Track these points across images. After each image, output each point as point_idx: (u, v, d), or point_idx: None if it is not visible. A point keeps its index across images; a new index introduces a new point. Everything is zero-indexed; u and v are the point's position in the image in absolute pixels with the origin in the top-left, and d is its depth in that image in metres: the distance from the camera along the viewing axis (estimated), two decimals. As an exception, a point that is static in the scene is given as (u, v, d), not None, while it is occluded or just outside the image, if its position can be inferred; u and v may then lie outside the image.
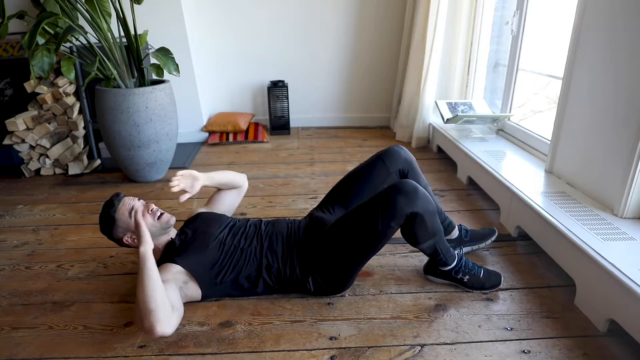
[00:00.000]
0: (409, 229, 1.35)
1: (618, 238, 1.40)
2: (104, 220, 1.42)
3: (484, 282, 1.47)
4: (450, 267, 1.47)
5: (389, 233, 1.33)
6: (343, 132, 3.52)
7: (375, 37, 3.44)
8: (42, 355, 1.26)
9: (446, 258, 1.44)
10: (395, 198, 1.30)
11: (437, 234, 1.38)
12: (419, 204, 1.30)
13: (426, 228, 1.34)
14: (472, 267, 1.48)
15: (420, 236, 1.36)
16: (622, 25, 1.50)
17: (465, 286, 1.49)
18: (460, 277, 1.47)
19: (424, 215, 1.32)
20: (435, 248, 1.41)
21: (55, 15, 2.06)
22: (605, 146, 1.59)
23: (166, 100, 2.41)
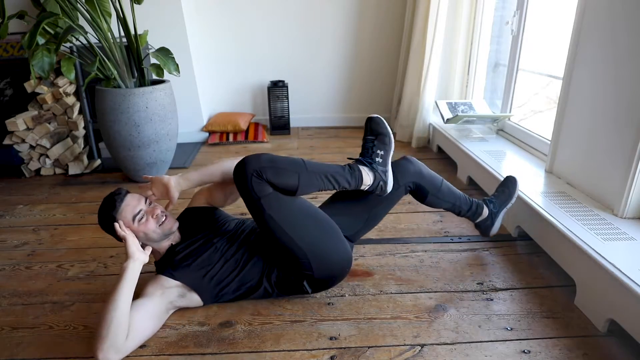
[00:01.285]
0: (272, 183, 1.29)
1: (618, 238, 1.40)
2: (104, 219, 1.36)
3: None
4: (369, 183, 1.43)
5: (267, 203, 1.29)
6: (343, 132, 3.53)
7: (375, 37, 3.44)
8: (42, 355, 1.26)
9: (349, 177, 1.39)
10: (243, 175, 1.28)
11: (299, 168, 1.32)
12: (252, 164, 1.26)
13: (279, 170, 1.29)
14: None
15: (289, 182, 1.30)
16: (622, 25, 1.50)
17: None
18: (383, 183, 1.45)
19: (262, 168, 1.26)
20: (322, 177, 1.36)
21: (56, 15, 2.06)
22: (605, 146, 1.59)
23: (166, 100, 2.41)
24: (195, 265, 1.37)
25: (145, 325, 1.25)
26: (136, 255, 1.27)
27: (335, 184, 1.39)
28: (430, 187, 1.57)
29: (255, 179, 1.27)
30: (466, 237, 1.84)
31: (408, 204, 2.17)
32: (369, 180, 1.44)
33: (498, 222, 1.71)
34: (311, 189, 1.37)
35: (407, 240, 1.83)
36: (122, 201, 1.36)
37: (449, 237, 1.85)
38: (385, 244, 1.81)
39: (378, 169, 1.45)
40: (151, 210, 1.38)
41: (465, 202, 1.65)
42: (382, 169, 1.46)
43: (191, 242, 1.44)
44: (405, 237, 1.86)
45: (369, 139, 1.48)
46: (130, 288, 1.22)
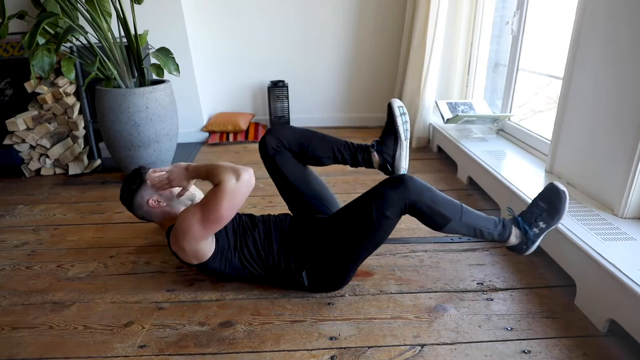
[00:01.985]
0: (420, 217, 1.31)
1: (618, 238, 1.40)
2: (130, 186, 1.49)
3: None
4: (513, 243, 1.39)
5: (384, 223, 1.30)
6: (343, 132, 3.52)
7: (375, 37, 3.44)
8: (43, 355, 1.26)
9: (496, 234, 1.36)
10: (385, 191, 1.29)
11: (454, 215, 1.30)
12: (410, 193, 1.27)
13: (434, 212, 1.28)
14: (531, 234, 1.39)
15: (437, 222, 1.30)
16: (622, 25, 1.50)
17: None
18: (525, 248, 1.40)
19: (419, 202, 1.27)
20: (470, 229, 1.33)
21: (56, 15, 2.06)
22: (605, 146, 1.59)
23: (166, 100, 2.41)
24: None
25: None
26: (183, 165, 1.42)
27: (478, 235, 1.36)
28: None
29: (409, 209, 1.29)
30: (466, 237, 1.84)
31: (408, 204, 2.17)
32: (514, 242, 1.40)
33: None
34: (452, 233, 1.38)
35: (407, 240, 1.83)
36: (147, 171, 1.52)
37: (449, 237, 1.85)
38: (385, 243, 1.81)
39: (530, 237, 1.38)
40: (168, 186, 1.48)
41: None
42: (534, 239, 1.39)
43: None
44: (405, 237, 1.86)
45: (541, 206, 1.37)
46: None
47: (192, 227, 1.30)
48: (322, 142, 1.59)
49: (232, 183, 1.27)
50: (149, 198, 1.49)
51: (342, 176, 2.54)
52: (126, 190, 1.51)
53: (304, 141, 1.57)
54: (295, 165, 1.60)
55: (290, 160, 1.59)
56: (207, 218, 1.29)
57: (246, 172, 1.30)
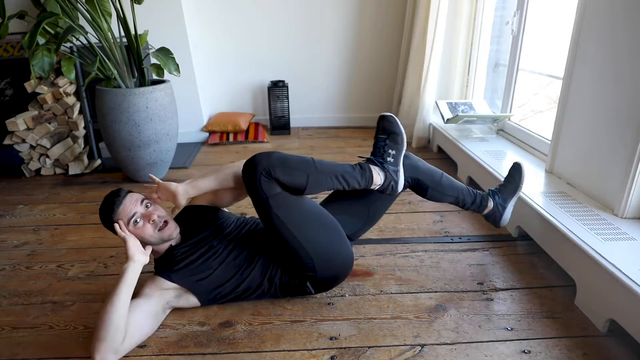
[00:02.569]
0: (281, 182, 1.28)
1: (618, 238, 1.40)
2: (104, 219, 1.35)
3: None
4: (379, 183, 1.42)
5: (280, 200, 1.29)
6: (343, 132, 3.53)
7: (375, 37, 3.44)
8: (43, 355, 1.26)
9: (359, 177, 1.39)
10: (250, 181, 1.28)
11: (309, 168, 1.32)
12: (261, 164, 1.26)
13: (287, 170, 1.28)
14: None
15: (297, 181, 1.30)
16: (622, 25, 1.50)
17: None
18: (394, 183, 1.45)
19: (271, 166, 1.26)
20: (332, 177, 1.35)
21: (56, 15, 2.06)
22: (605, 146, 1.59)
23: (166, 100, 2.41)
24: (194, 268, 1.36)
25: (142, 325, 1.25)
26: (136, 257, 1.27)
27: (344, 184, 1.38)
28: (429, 181, 1.56)
29: (264, 178, 1.27)
30: (466, 237, 1.84)
31: (408, 204, 2.17)
32: (380, 180, 1.43)
33: (507, 213, 1.65)
34: (320, 189, 1.36)
35: (407, 240, 1.83)
36: (121, 203, 1.32)
37: (449, 237, 1.85)
38: (385, 244, 1.81)
39: (389, 168, 1.44)
40: (148, 215, 1.34)
41: (469, 194, 1.61)
42: (394, 168, 1.45)
43: (191, 244, 1.43)
44: (405, 237, 1.86)
45: (381, 137, 1.46)
46: (129, 290, 1.22)
47: None
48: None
49: None
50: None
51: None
52: (103, 222, 1.37)
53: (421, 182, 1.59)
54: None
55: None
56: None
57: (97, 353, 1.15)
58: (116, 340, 1.16)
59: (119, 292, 1.19)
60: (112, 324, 1.15)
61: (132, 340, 1.21)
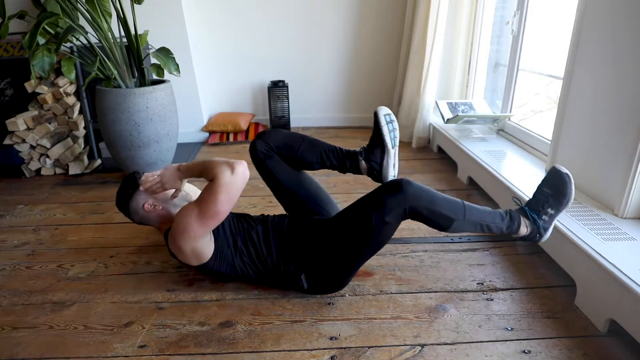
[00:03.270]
0: (422, 221, 1.31)
1: (618, 238, 1.40)
2: (126, 191, 1.48)
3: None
4: (524, 234, 1.37)
5: (384, 229, 1.30)
6: (344, 132, 3.53)
7: (375, 37, 3.44)
8: (43, 355, 1.26)
9: (504, 228, 1.35)
10: (383, 197, 1.29)
11: (456, 215, 1.29)
12: (408, 199, 1.27)
13: (435, 214, 1.28)
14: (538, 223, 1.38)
15: (440, 223, 1.30)
16: (622, 25, 1.50)
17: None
18: (539, 236, 1.38)
19: (418, 207, 1.27)
20: (476, 226, 1.32)
21: (56, 15, 2.06)
22: (605, 146, 1.59)
23: (166, 100, 2.41)
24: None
25: None
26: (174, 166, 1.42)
27: (485, 231, 1.36)
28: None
29: (409, 216, 1.29)
30: (466, 237, 1.84)
31: (408, 204, 2.17)
32: (524, 232, 1.38)
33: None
34: (457, 232, 1.36)
35: (407, 240, 1.83)
36: (142, 176, 1.48)
37: (449, 237, 1.85)
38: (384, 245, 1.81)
39: (540, 225, 1.36)
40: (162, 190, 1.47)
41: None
42: (545, 226, 1.37)
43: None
44: (405, 237, 1.86)
45: (545, 192, 1.36)
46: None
47: (190, 225, 1.30)
48: (311, 147, 1.57)
49: (227, 176, 1.27)
50: (144, 202, 1.48)
51: (342, 177, 2.54)
52: (121, 196, 1.50)
53: (293, 145, 1.56)
54: (288, 169, 1.60)
55: (282, 164, 1.58)
56: (205, 214, 1.28)
57: (240, 164, 1.30)
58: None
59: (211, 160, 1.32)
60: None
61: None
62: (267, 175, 1.61)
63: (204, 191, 1.31)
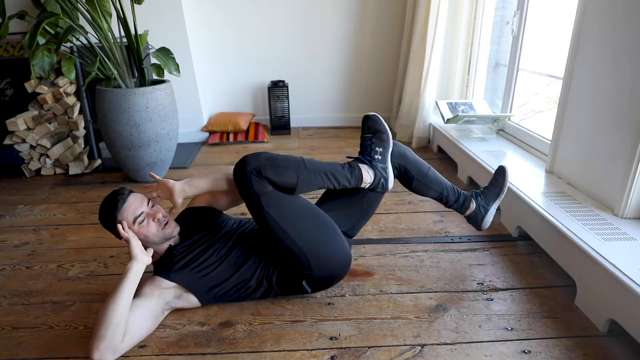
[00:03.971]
0: (271, 179, 1.30)
1: (618, 238, 1.40)
2: (105, 218, 1.35)
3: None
4: (369, 181, 1.44)
5: (266, 199, 1.30)
6: (344, 132, 3.53)
7: (375, 37, 3.44)
8: (43, 355, 1.26)
9: (349, 175, 1.41)
10: (244, 178, 1.29)
11: (298, 166, 1.34)
12: (251, 163, 1.28)
13: (278, 168, 1.30)
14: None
15: (287, 180, 1.31)
16: (622, 25, 1.50)
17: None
18: (384, 180, 1.47)
19: (260, 166, 1.28)
20: (322, 175, 1.37)
21: (56, 15, 2.06)
22: (605, 146, 1.59)
23: (166, 100, 2.41)
24: (192, 267, 1.37)
25: (142, 325, 1.25)
26: (139, 257, 1.27)
27: (335, 183, 1.40)
28: (415, 171, 1.58)
29: (255, 177, 1.28)
30: (466, 237, 1.84)
31: (408, 204, 2.17)
32: (369, 178, 1.44)
33: (489, 216, 1.65)
34: (311, 188, 1.37)
35: (407, 240, 1.83)
36: (125, 201, 1.34)
37: (449, 237, 1.85)
38: (385, 244, 1.81)
39: (378, 166, 1.45)
40: (153, 214, 1.37)
41: (453, 192, 1.62)
42: (382, 165, 1.46)
43: (190, 244, 1.43)
44: (405, 237, 1.86)
45: (367, 136, 1.48)
46: (132, 289, 1.22)
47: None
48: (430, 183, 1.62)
49: None
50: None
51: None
52: (103, 223, 1.37)
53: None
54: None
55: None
56: None
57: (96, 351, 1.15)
58: (116, 339, 1.16)
59: (121, 291, 1.19)
60: (112, 321, 1.15)
61: (131, 339, 1.21)
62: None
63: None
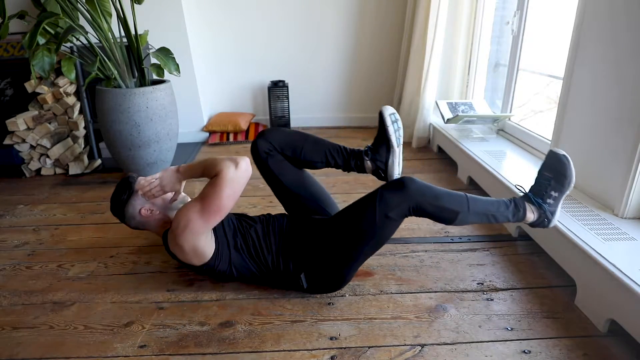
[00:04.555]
0: (427, 216, 1.31)
1: (618, 238, 1.40)
2: (120, 196, 1.45)
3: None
4: (532, 220, 1.38)
5: (387, 225, 1.31)
6: (344, 132, 3.53)
7: (375, 37, 3.44)
8: (43, 355, 1.26)
9: (510, 216, 1.36)
10: (387, 194, 1.29)
11: (461, 207, 1.30)
12: (412, 196, 1.28)
13: (439, 209, 1.29)
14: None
15: (446, 218, 1.31)
16: (622, 25, 1.50)
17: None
18: (547, 221, 1.39)
19: (422, 203, 1.28)
20: (482, 216, 1.33)
21: (56, 15, 2.06)
22: (605, 146, 1.59)
23: (167, 100, 2.41)
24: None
25: None
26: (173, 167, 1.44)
27: (492, 221, 1.36)
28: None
29: (412, 213, 1.30)
30: (466, 237, 1.84)
31: (408, 204, 2.17)
32: (532, 218, 1.38)
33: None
34: (464, 225, 1.37)
35: (407, 240, 1.83)
36: (135, 180, 1.48)
37: (449, 237, 1.85)
38: (385, 243, 1.81)
39: (546, 209, 1.36)
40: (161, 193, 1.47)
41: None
42: (551, 210, 1.37)
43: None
44: (405, 237, 1.86)
45: (546, 176, 1.37)
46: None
47: (192, 220, 1.30)
48: (315, 146, 1.57)
49: (231, 171, 1.28)
50: (141, 207, 1.47)
51: (342, 176, 2.54)
52: (116, 201, 1.48)
53: (296, 145, 1.56)
54: (290, 168, 1.59)
55: (284, 163, 1.57)
56: (208, 209, 1.29)
57: (243, 160, 1.31)
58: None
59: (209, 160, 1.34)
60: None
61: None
62: (268, 175, 1.60)
63: (207, 187, 1.31)
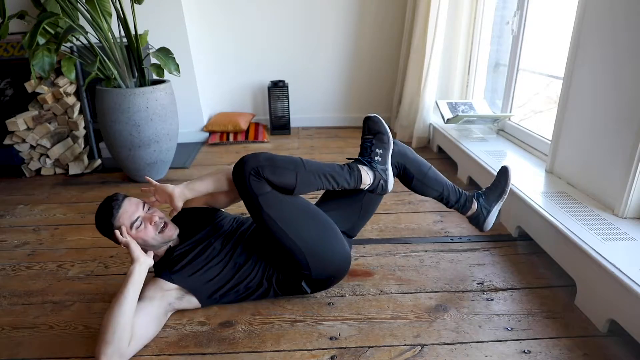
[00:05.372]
0: (270, 179, 1.30)
1: (618, 238, 1.40)
2: (101, 225, 1.33)
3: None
4: (369, 183, 1.44)
5: (269, 199, 1.30)
6: (344, 132, 3.53)
7: (375, 37, 3.44)
8: (43, 355, 1.26)
9: (348, 176, 1.40)
10: (243, 178, 1.29)
11: (296, 165, 1.34)
12: (250, 163, 1.28)
13: (278, 169, 1.30)
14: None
15: (286, 176, 1.31)
16: (622, 25, 1.50)
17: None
18: (384, 182, 1.47)
19: (259, 165, 1.28)
20: (321, 177, 1.37)
21: (56, 15, 2.06)
22: (605, 146, 1.59)
23: (167, 100, 2.41)
24: (192, 268, 1.36)
25: (147, 328, 1.25)
26: (141, 259, 1.26)
27: (334, 184, 1.39)
28: (415, 170, 1.56)
29: (253, 178, 1.28)
30: (466, 237, 1.84)
31: (408, 204, 2.17)
32: (369, 180, 1.44)
33: (491, 217, 1.61)
34: (309, 189, 1.37)
35: (407, 240, 1.83)
36: (120, 207, 1.32)
37: (449, 237, 1.85)
38: (385, 243, 1.81)
39: (377, 167, 1.45)
40: (149, 217, 1.35)
41: (454, 192, 1.59)
42: (382, 167, 1.46)
43: (189, 244, 1.43)
44: (405, 237, 1.86)
45: (367, 138, 1.48)
46: (136, 292, 1.22)
47: None
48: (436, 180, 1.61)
49: None
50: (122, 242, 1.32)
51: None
52: (100, 230, 1.35)
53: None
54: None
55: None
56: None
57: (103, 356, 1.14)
58: (123, 343, 1.15)
59: (126, 294, 1.18)
60: (119, 326, 1.15)
61: (137, 343, 1.21)
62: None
63: None
